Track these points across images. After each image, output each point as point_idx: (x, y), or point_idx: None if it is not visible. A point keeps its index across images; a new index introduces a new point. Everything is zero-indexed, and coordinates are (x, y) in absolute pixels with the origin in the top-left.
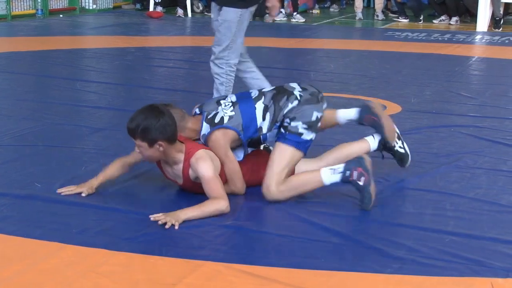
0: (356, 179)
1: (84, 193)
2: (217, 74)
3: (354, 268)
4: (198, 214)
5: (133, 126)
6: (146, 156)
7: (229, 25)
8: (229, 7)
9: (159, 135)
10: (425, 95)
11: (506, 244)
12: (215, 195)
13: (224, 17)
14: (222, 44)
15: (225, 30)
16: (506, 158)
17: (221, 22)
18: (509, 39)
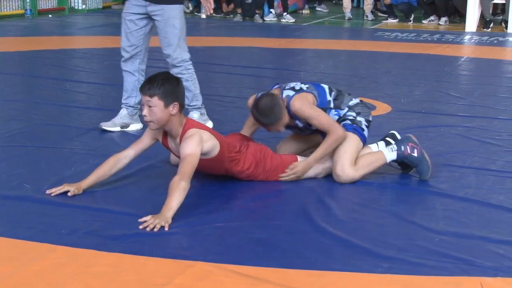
0: (410, 152)
1: (70, 192)
2: (181, 74)
3: (345, 268)
4: (178, 200)
5: (155, 85)
6: (157, 118)
7: (174, 23)
8: (172, 5)
9: (177, 97)
10: (415, 95)
11: (495, 243)
12: (180, 172)
13: (167, 16)
14: (173, 43)
15: (172, 28)
16: (495, 158)
17: (164, 22)
18: (497, 39)
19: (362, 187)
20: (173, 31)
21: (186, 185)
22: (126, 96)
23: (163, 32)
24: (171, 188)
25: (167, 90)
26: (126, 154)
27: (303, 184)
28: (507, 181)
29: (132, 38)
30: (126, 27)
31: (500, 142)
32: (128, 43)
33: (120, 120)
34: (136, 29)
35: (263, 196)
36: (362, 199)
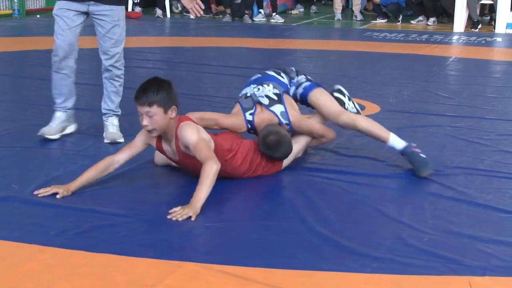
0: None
1: (59, 194)
2: (118, 76)
3: (334, 267)
4: (207, 191)
5: (151, 94)
6: (159, 125)
7: (122, 24)
8: (118, 6)
9: (174, 100)
10: (404, 95)
11: (484, 242)
12: (204, 157)
13: (116, 17)
14: (120, 44)
15: (121, 30)
16: (483, 158)
17: (113, 22)
18: (485, 39)
19: (351, 187)
20: (121, 32)
21: (217, 166)
22: (63, 99)
23: (111, 33)
24: (204, 175)
25: (164, 96)
26: (118, 159)
27: (292, 183)
28: (495, 181)
29: (70, 35)
30: (63, 23)
31: (488, 142)
32: (66, 41)
33: (61, 124)
34: (74, 26)
35: (253, 196)
36: (351, 199)
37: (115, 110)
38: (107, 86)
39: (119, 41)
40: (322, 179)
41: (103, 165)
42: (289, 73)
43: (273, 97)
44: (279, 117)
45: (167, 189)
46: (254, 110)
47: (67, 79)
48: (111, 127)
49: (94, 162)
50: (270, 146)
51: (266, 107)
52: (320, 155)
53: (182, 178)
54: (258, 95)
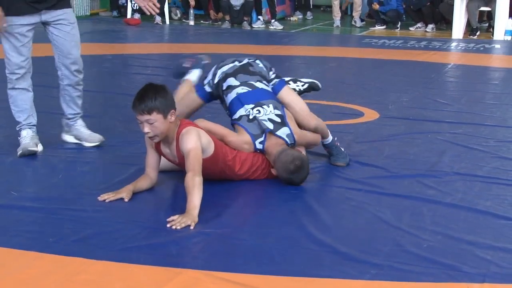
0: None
1: (126, 198)
2: (81, 80)
3: (333, 274)
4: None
5: (149, 102)
6: (161, 131)
7: (76, 26)
8: (70, 8)
9: (172, 104)
10: (402, 101)
11: (482, 249)
12: (189, 168)
13: (73, 19)
14: (79, 47)
15: (77, 32)
16: (481, 164)
17: (71, 25)
18: (484, 46)
19: (350, 193)
20: (78, 34)
21: (200, 179)
22: (26, 116)
23: (70, 36)
24: (187, 186)
25: (162, 101)
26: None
27: (291, 190)
28: (493, 187)
29: (25, 51)
30: (16, 41)
31: (487, 148)
32: (22, 57)
33: (33, 140)
34: (28, 41)
35: (251, 202)
36: (350, 205)
37: (80, 111)
38: (71, 92)
39: (79, 44)
40: (321, 186)
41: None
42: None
43: (276, 120)
44: (286, 140)
45: (165, 196)
46: (264, 139)
47: (26, 94)
48: (83, 129)
49: (93, 169)
50: (294, 172)
51: (273, 133)
52: (318, 162)
53: (180, 184)
54: (261, 119)
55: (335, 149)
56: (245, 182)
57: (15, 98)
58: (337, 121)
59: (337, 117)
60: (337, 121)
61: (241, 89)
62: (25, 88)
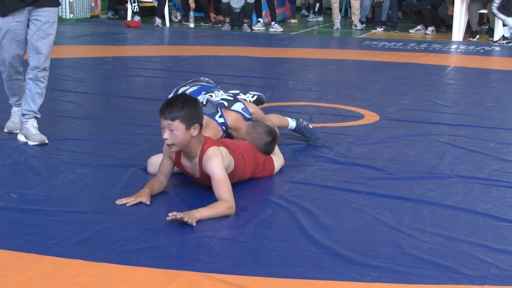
0: (306, 124)
1: (146, 202)
2: (44, 78)
3: (333, 276)
4: (211, 215)
5: (175, 109)
6: (179, 141)
7: (55, 26)
8: (53, 7)
9: (198, 118)
10: (402, 104)
11: (483, 251)
12: (225, 198)
13: (52, 19)
14: (51, 47)
15: (54, 31)
16: (482, 166)
17: (49, 24)
18: (484, 48)
19: (350, 196)
20: (53, 34)
21: (232, 210)
22: (18, 98)
23: (45, 34)
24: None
25: (188, 112)
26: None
27: (291, 192)
28: (493, 190)
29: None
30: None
31: (487, 150)
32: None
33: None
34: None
35: (251, 204)
36: (350, 208)
37: (36, 112)
38: (31, 87)
39: (52, 42)
40: (321, 188)
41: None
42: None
43: (229, 98)
44: (243, 114)
45: (165, 198)
46: (221, 112)
47: (16, 82)
48: (32, 129)
49: (93, 171)
50: (271, 142)
51: (228, 108)
52: (318, 163)
53: (180, 187)
54: (214, 100)
55: (305, 131)
56: (244, 184)
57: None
58: (337, 123)
59: (337, 119)
60: (337, 123)
61: (192, 89)
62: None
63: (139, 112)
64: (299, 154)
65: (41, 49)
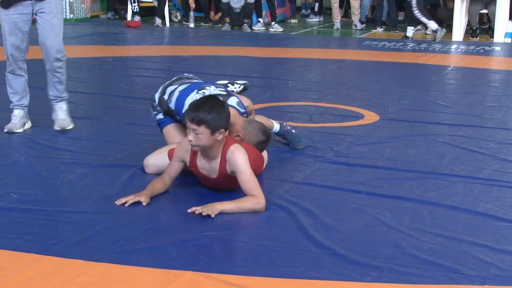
0: (290, 129)
1: (144, 202)
2: (60, 68)
3: (333, 277)
4: (234, 209)
5: (202, 113)
6: (203, 144)
7: (60, 16)
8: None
9: (223, 124)
10: (402, 104)
11: (483, 251)
12: (254, 193)
13: (55, 9)
14: (60, 35)
15: (59, 21)
16: (482, 166)
17: (52, 14)
18: (484, 48)
19: (350, 196)
20: (59, 23)
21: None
22: (19, 97)
23: (50, 24)
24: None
25: (214, 117)
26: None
27: (290, 192)
28: (494, 189)
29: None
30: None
31: (487, 150)
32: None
33: (21, 120)
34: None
35: None
36: (350, 208)
37: (61, 96)
38: (49, 78)
39: (60, 32)
40: (321, 188)
41: (162, 186)
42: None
43: (223, 93)
44: (238, 108)
45: (165, 198)
46: None
47: (19, 79)
48: (60, 112)
49: (93, 171)
50: (265, 141)
51: None
52: (318, 163)
53: (179, 187)
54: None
55: (288, 135)
56: None
57: (10, 81)
58: (337, 123)
59: (337, 119)
60: (337, 123)
61: (181, 87)
62: (18, 74)
63: (139, 112)
64: (299, 154)
65: (50, 41)
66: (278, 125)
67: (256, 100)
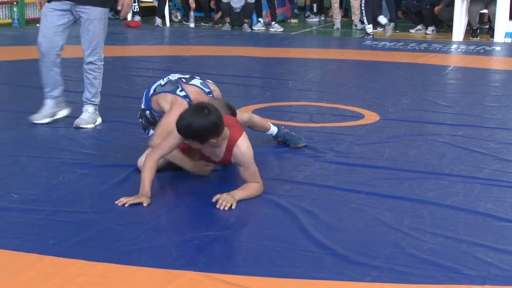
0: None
1: (145, 203)
2: (92, 71)
3: (333, 276)
4: (246, 196)
5: (185, 129)
6: (198, 148)
7: (96, 23)
8: (96, 7)
9: (210, 135)
10: (403, 104)
11: (483, 251)
12: (256, 181)
13: (92, 16)
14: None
15: (95, 28)
16: (482, 166)
17: (89, 21)
18: (484, 48)
19: (350, 196)
20: (95, 30)
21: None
22: (50, 89)
23: (86, 30)
24: (250, 185)
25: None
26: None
27: (291, 192)
28: (494, 189)
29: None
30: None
31: (487, 150)
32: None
33: (50, 110)
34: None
35: (251, 204)
36: (350, 208)
37: (91, 99)
38: (84, 78)
39: (93, 38)
40: (321, 188)
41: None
42: None
43: (186, 77)
44: (202, 88)
45: (165, 198)
46: (181, 87)
47: (49, 72)
48: (84, 114)
49: (93, 171)
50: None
51: (187, 83)
52: (318, 163)
53: (180, 187)
54: (173, 79)
55: (287, 136)
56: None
57: (42, 73)
58: (337, 123)
59: (338, 119)
60: (338, 123)
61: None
62: (47, 67)
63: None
64: (299, 154)
65: (84, 44)
66: (275, 128)
67: (256, 100)
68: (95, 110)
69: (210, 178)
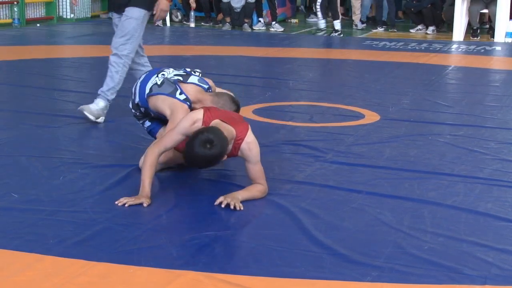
0: None
1: (145, 204)
2: (114, 62)
3: (334, 276)
4: (249, 197)
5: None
6: None
7: (131, 20)
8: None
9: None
10: (403, 103)
11: (484, 251)
12: (261, 182)
13: (130, 14)
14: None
15: (128, 25)
16: (482, 166)
17: (126, 17)
18: (484, 48)
19: (350, 195)
20: (128, 27)
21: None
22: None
23: (121, 24)
24: (254, 187)
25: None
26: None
27: (291, 192)
28: (494, 189)
29: None
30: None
31: (488, 150)
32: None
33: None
34: None
35: (251, 204)
36: (351, 207)
37: (105, 92)
38: (108, 71)
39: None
40: (321, 188)
41: (155, 163)
42: None
43: (182, 74)
44: (200, 85)
45: (165, 198)
46: (180, 89)
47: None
48: (93, 104)
49: (94, 171)
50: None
51: (185, 82)
52: (318, 163)
53: (180, 187)
54: (169, 77)
55: None
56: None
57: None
58: (338, 123)
59: (338, 119)
60: (338, 123)
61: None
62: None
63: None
64: (299, 154)
65: (115, 37)
66: None
67: (257, 100)
68: (105, 107)
69: (210, 178)
